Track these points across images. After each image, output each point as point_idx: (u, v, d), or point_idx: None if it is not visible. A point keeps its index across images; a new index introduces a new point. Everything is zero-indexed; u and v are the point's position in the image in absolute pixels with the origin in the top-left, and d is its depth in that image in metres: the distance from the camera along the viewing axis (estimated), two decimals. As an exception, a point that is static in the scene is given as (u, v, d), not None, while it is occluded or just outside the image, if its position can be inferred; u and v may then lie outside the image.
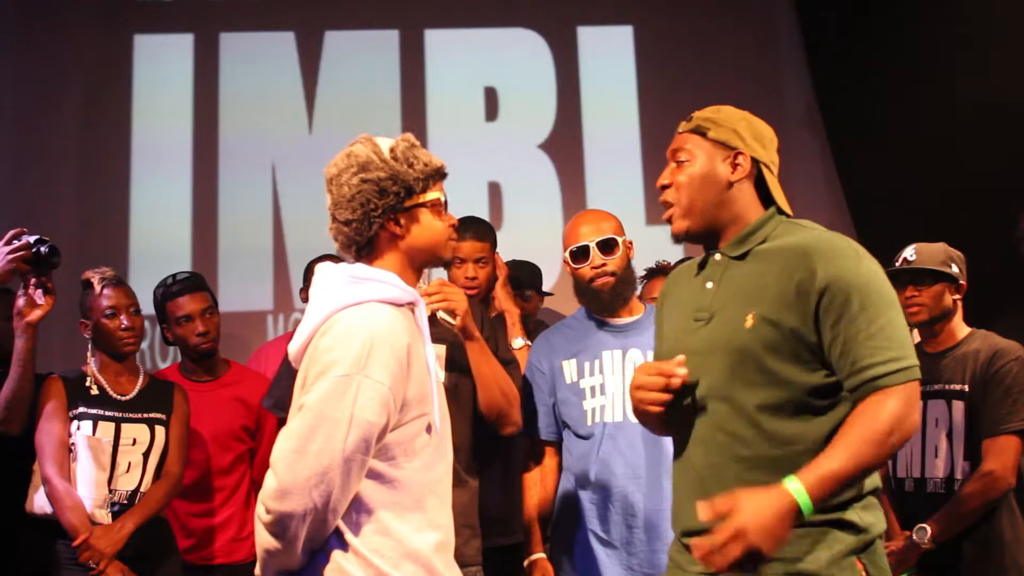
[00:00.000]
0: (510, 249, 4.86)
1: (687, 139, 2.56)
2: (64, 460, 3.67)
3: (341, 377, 2.16)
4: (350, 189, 2.35)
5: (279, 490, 2.12)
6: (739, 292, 2.42)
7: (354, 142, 2.43)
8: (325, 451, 2.12)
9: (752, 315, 2.35)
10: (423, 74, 6.56)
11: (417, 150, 2.42)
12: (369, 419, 2.16)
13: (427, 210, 2.40)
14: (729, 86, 6.51)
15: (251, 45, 6.54)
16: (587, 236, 3.47)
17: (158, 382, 4.00)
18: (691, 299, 2.54)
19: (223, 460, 4.21)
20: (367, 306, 2.26)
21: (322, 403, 2.15)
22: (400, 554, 2.22)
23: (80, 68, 6.38)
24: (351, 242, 2.39)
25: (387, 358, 2.19)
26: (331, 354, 2.19)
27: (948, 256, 3.67)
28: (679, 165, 2.54)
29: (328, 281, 2.35)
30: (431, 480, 2.31)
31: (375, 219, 2.35)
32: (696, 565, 2.32)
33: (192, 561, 4.06)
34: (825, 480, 2.17)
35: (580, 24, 6.69)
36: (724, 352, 2.38)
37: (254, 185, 6.32)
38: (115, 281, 3.84)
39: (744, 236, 2.48)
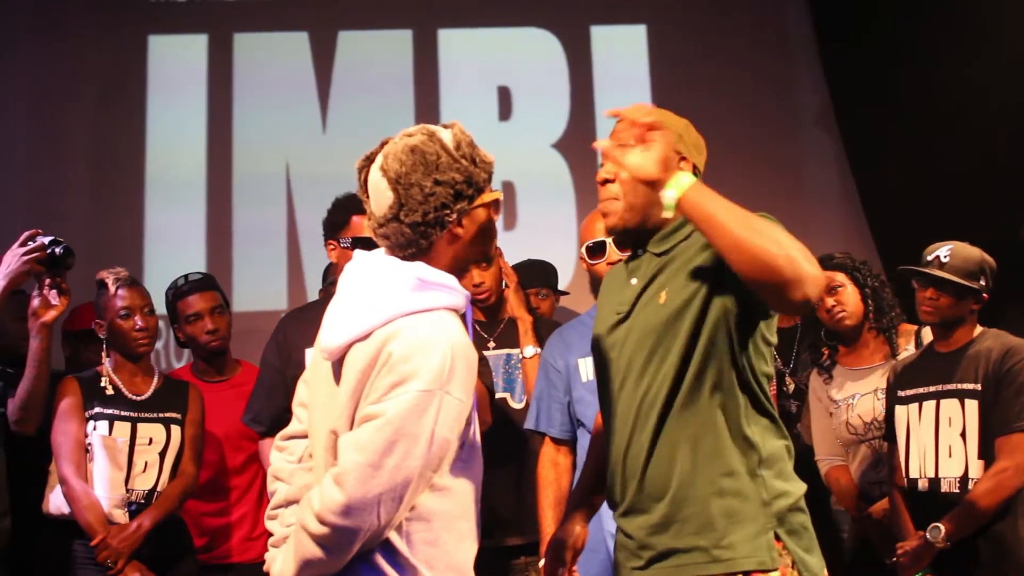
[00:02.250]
0: (524, 248, 4.87)
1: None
2: (81, 460, 3.68)
3: (423, 392, 2.06)
4: (422, 191, 2.17)
5: (346, 505, 2.02)
6: (655, 281, 2.47)
7: (412, 133, 2.25)
8: (402, 468, 2.04)
9: (664, 292, 2.42)
10: (436, 74, 6.56)
11: (477, 146, 2.28)
12: (448, 437, 2.09)
13: (487, 209, 2.28)
14: (742, 85, 6.52)
15: (265, 45, 6.55)
16: (604, 232, 3.45)
17: (173, 382, 4.01)
18: (615, 295, 2.59)
19: (235, 460, 4.22)
20: (439, 315, 2.16)
21: (403, 418, 2.05)
22: (446, 565, 2.15)
23: (95, 69, 6.40)
24: (411, 244, 2.21)
25: (464, 373, 2.11)
26: (409, 365, 2.07)
27: (980, 267, 3.62)
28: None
29: (386, 277, 2.21)
30: (473, 486, 2.24)
31: (448, 222, 2.20)
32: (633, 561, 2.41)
33: (205, 560, 4.07)
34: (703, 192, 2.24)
35: (593, 23, 6.68)
36: (644, 335, 2.42)
37: (268, 184, 6.33)
38: (129, 282, 3.85)
39: (667, 234, 2.52)
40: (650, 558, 2.38)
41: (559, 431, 3.54)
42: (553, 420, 3.55)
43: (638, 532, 2.40)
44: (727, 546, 2.31)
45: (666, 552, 2.35)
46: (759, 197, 6.41)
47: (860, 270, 4.13)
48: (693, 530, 2.33)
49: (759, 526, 2.33)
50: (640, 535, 2.39)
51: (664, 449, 2.37)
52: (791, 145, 6.63)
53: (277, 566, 2.20)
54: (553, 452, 3.56)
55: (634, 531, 2.41)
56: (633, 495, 2.42)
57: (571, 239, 6.05)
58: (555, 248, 5.36)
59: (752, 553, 2.31)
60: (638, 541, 2.40)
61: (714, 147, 4.37)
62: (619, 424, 2.47)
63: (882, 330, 4.14)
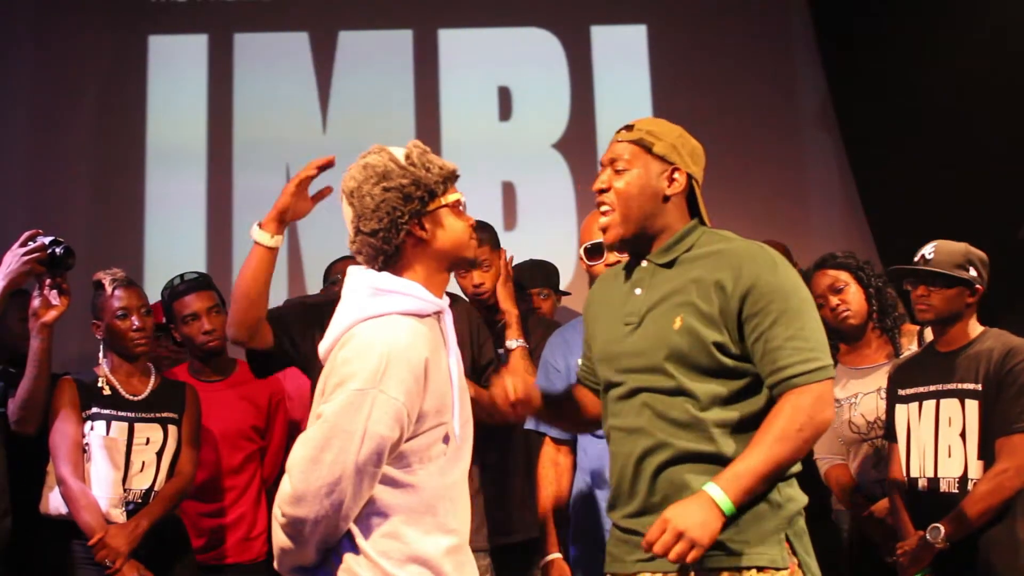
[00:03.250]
0: (524, 249, 4.86)
1: (627, 148, 2.65)
2: (78, 460, 3.69)
3: (357, 391, 2.19)
4: (373, 199, 2.34)
5: (293, 495, 2.18)
6: (667, 297, 2.55)
7: (366, 154, 2.44)
8: (338, 462, 2.16)
9: (680, 318, 2.50)
10: (437, 74, 6.56)
11: (430, 155, 2.43)
12: (382, 433, 2.19)
13: (449, 212, 2.42)
14: (743, 85, 6.51)
15: (265, 46, 6.55)
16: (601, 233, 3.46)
17: (170, 382, 4.01)
18: (620, 304, 2.67)
19: (233, 460, 4.22)
20: (387, 319, 2.29)
21: (338, 415, 2.19)
22: (406, 556, 2.25)
23: (95, 69, 6.40)
24: (378, 253, 2.38)
25: (403, 374, 2.22)
26: (349, 367, 2.23)
27: (967, 258, 3.63)
28: (618, 173, 2.63)
29: (354, 288, 2.37)
30: (445, 485, 2.33)
31: (402, 225, 2.35)
32: (635, 554, 2.53)
33: (203, 561, 4.06)
34: (741, 479, 2.37)
35: (594, 23, 6.67)
36: (655, 352, 2.52)
37: (268, 186, 6.30)
38: (126, 282, 3.86)
39: (670, 245, 2.61)
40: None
41: (558, 431, 3.54)
42: None
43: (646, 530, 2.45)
44: (743, 542, 2.42)
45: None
46: (759, 197, 6.48)
47: (864, 269, 4.14)
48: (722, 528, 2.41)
49: (773, 526, 2.45)
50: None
51: (681, 457, 2.48)
52: (791, 145, 6.62)
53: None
54: (553, 452, 3.56)
55: (643, 528, 2.47)
56: (644, 498, 2.53)
57: (571, 239, 6.04)
58: (555, 248, 5.36)
59: (766, 551, 2.44)
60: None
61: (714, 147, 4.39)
62: (630, 430, 2.57)
63: (885, 330, 4.14)
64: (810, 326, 2.47)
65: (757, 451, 2.38)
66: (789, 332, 2.44)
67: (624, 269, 2.72)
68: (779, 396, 2.45)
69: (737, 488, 2.35)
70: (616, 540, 2.63)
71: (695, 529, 2.30)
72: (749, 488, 2.37)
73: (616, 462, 2.62)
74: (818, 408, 2.43)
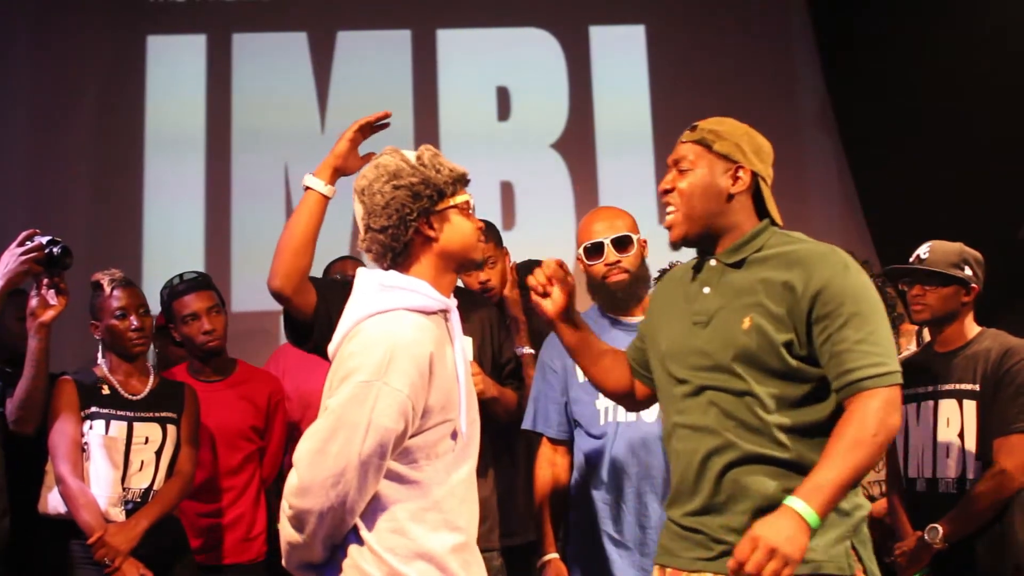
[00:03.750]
0: (523, 249, 4.86)
1: (691, 149, 2.67)
2: (77, 459, 3.69)
3: (362, 383, 2.23)
4: (383, 196, 2.40)
5: (300, 487, 2.22)
6: (736, 297, 2.56)
7: (379, 155, 2.50)
8: (343, 454, 2.20)
9: (749, 318, 2.51)
10: (435, 74, 6.56)
11: (441, 158, 2.48)
12: (386, 425, 2.22)
13: (458, 212, 2.47)
14: (742, 85, 6.51)
15: (264, 45, 6.56)
16: (601, 233, 3.46)
17: (168, 382, 4.01)
18: (687, 302, 2.68)
19: (232, 460, 4.22)
20: (393, 314, 2.33)
21: (343, 407, 2.23)
22: (412, 552, 2.28)
23: (93, 69, 6.41)
24: (386, 250, 2.43)
25: (407, 367, 2.25)
26: (354, 360, 2.27)
27: (962, 257, 3.64)
28: (681, 173, 2.66)
29: (362, 287, 2.42)
30: (452, 483, 2.36)
31: (411, 223, 2.40)
32: (694, 552, 2.54)
33: (202, 561, 4.06)
34: (823, 490, 2.33)
35: (592, 23, 6.68)
36: (724, 352, 2.53)
37: (267, 185, 6.33)
38: (124, 282, 3.86)
39: (740, 245, 2.62)
40: (723, 551, 2.48)
41: (556, 431, 3.54)
42: (550, 420, 3.54)
43: (716, 530, 2.51)
44: (811, 549, 2.38)
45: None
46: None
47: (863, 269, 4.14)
48: None
49: (839, 533, 2.46)
50: (718, 532, 2.51)
51: (747, 459, 2.49)
52: (790, 145, 6.61)
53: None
54: (550, 452, 3.56)
55: (711, 528, 2.52)
56: (708, 497, 2.54)
57: (569, 239, 5.98)
58: (553, 248, 5.30)
59: (833, 558, 2.44)
60: (712, 535, 2.52)
61: (712, 147, 4.28)
62: (696, 428, 2.57)
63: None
64: (880, 330, 2.46)
65: (835, 460, 2.36)
66: (859, 335, 2.42)
67: (692, 268, 2.74)
68: (846, 399, 2.43)
69: (821, 500, 2.33)
70: (673, 535, 2.64)
71: (786, 545, 2.27)
72: (832, 499, 2.35)
73: (679, 459, 2.62)
74: (889, 412, 2.40)
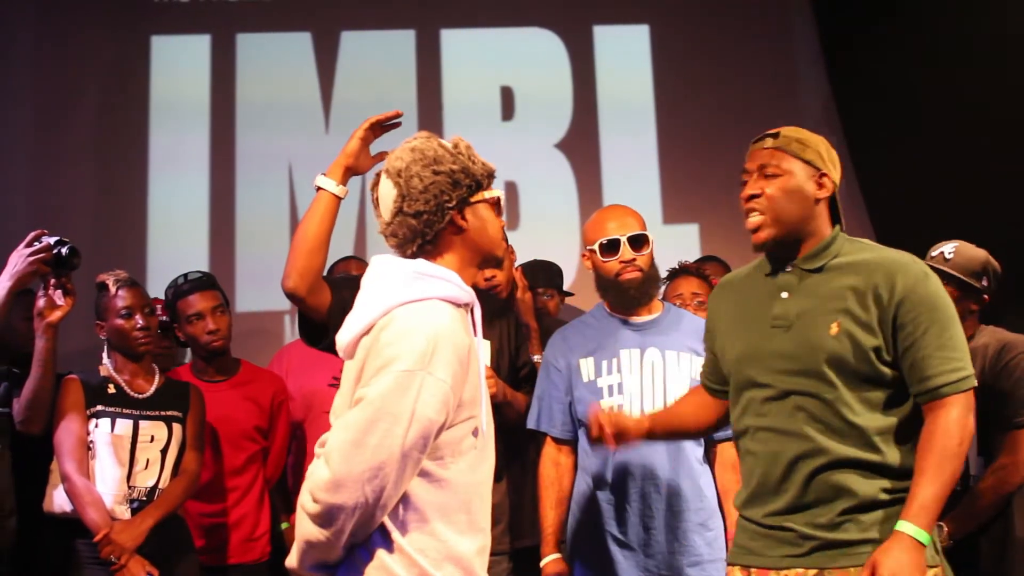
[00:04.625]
0: (527, 249, 4.87)
1: (775, 155, 2.73)
2: (83, 457, 3.70)
3: (405, 372, 2.15)
4: (422, 181, 2.34)
5: (332, 481, 2.11)
6: (820, 302, 2.65)
7: (413, 138, 2.43)
8: (383, 446, 2.11)
9: (837, 323, 2.59)
10: (439, 74, 6.56)
11: (474, 150, 2.45)
12: (430, 416, 2.16)
13: (490, 207, 2.43)
14: (746, 84, 6.51)
15: (268, 46, 6.55)
16: (616, 230, 3.45)
17: (174, 382, 4.03)
18: (762, 306, 2.74)
19: (236, 460, 4.23)
20: (430, 303, 2.26)
21: (384, 398, 2.14)
22: (443, 555, 2.22)
23: (97, 70, 6.40)
24: (416, 235, 2.36)
25: (450, 357, 2.19)
26: (393, 348, 2.18)
27: (984, 267, 3.64)
28: (768, 179, 2.71)
29: (388, 274, 2.33)
30: (476, 482, 2.30)
31: (448, 210, 2.35)
32: (780, 549, 2.62)
33: (205, 561, 4.06)
34: (928, 510, 2.46)
35: (596, 23, 6.67)
36: (811, 356, 2.60)
37: (271, 185, 6.33)
38: (129, 282, 3.88)
39: (819, 251, 2.71)
40: (813, 547, 2.58)
41: (560, 431, 3.54)
42: (554, 420, 3.54)
43: (805, 527, 2.59)
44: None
45: (836, 543, 2.57)
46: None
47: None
48: (866, 527, 2.55)
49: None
50: (808, 529, 2.58)
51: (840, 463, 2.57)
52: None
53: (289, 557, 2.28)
54: (555, 452, 3.56)
55: (800, 525, 2.60)
56: (795, 497, 2.61)
57: (574, 239, 6.04)
58: (558, 248, 5.36)
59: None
60: (801, 532, 2.59)
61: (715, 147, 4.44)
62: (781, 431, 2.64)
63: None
64: (956, 336, 2.58)
65: (931, 476, 2.48)
66: (939, 342, 2.55)
67: (757, 274, 2.82)
68: (925, 403, 2.56)
69: (927, 520, 2.45)
70: (753, 534, 2.70)
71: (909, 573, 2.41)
72: (935, 515, 2.48)
73: (760, 460, 2.68)
74: (967, 418, 2.54)
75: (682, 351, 3.44)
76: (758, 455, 2.69)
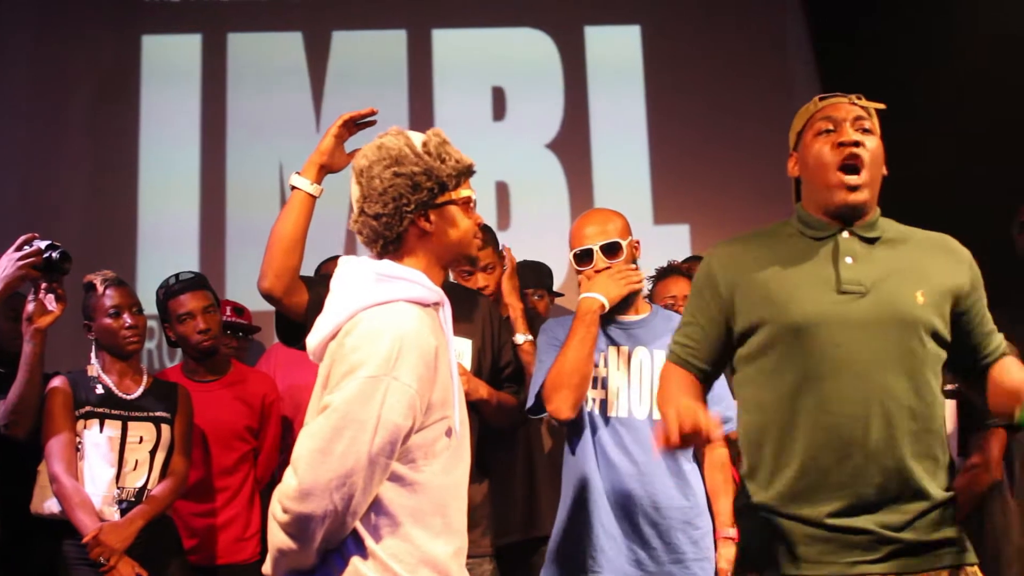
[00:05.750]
0: (518, 249, 4.85)
1: (867, 113, 2.61)
2: (72, 458, 3.69)
3: (369, 378, 2.12)
4: (382, 182, 2.29)
5: (300, 490, 2.09)
6: (896, 271, 2.48)
7: (384, 134, 2.39)
8: (350, 453, 2.09)
9: (922, 292, 2.45)
10: (430, 74, 6.56)
11: (449, 146, 2.38)
12: (396, 422, 2.13)
13: (458, 208, 2.37)
14: (737, 85, 6.52)
15: (259, 45, 6.55)
16: (591, 238, 3.42)
17: (162, 383, 4.02)
18: (821, 271, 2.50)
19: (226, 460, 4.22)
20: (395, 306, 2.22)
21: (349, 404, 2.11)
22: (417, 559, 2.19)
23: (89, 70, 6.40)
24: (378, 236, 2.33)
25: (415, 360, 2.16)
26: (358, 354, 2.15)
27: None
28: (865, 132, 2.56)
29: (352, 277, 2.30)
30: (450, 484, 2.28)
31: (407, 214, 2.30)
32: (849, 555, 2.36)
33: (195, 561, 4.06)
34: None
35: (587, 24, 6.68)
36: (899, 325, 2.42)
37: (262, 186, 6.33)
38: (116, 282, 3.87)
39: (874, 222, 2.56)
40: (891, 551, 2.36)
41: None
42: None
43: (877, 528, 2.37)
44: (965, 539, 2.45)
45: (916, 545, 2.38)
46: (753, 197, 6.47)
47: None
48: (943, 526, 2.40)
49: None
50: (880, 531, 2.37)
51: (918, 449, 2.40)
52: (785, 143, 6.62)
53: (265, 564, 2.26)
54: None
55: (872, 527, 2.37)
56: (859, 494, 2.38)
57: (565, 240, 6.00)
58: (549, 249, 5.35)
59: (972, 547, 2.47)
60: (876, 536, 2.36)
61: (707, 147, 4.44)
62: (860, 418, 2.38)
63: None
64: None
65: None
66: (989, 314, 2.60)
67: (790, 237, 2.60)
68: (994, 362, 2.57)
69: None
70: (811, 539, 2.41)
71: None
72: None
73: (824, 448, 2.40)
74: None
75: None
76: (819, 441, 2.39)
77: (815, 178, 2.58)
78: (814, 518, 2.40)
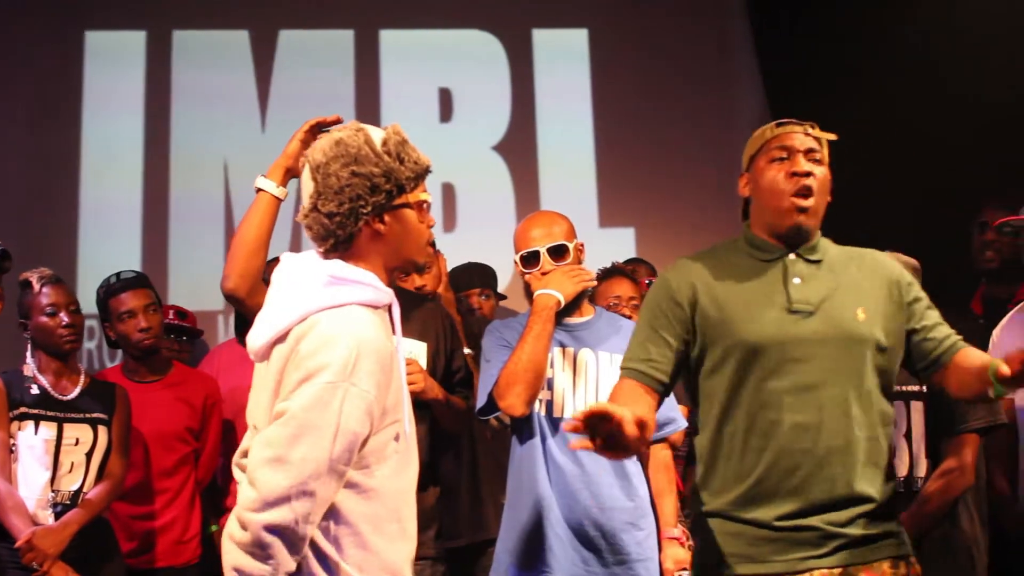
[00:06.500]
0: (463, 250, 4.87)
1: (819, 144, 2.75)
2: (5, 461, 3.63)
3: (327, 385, 2.08)
4: (339, 180, 2.22)
5: (257, 500, 2.04)
6: (837, 290, 2.63)
7: (342, 128, 2.32)
8: (309, 460, 2.04)
9: (862, 309, 2.59)
10: (378, 74, 6.55)
11: (408, 146, 2.31)
12: (354, 428, 2.09)
13: (412, 211, 2.30)
14: (683, 89, 6.57)
15: (204, 43, 6.51)
16: (537, 241, 3.42)
17: (99, 383, 3.96)
18: (771, 291, 2.64)
19: (166, 462, 4.17)
20: (348, 309, 2.17)
21: (307, 411, 2.07)
22: (379, 567, 2.17)
23: (30, 65, 6.32)
24: (329, 235, 2.24)
25: (372, 366, 2.12)
26: (314, 360, 2.10)
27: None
28: (815, 162, 2.71)
29: (301, 276, 2.24)
30: (402, 488, 2.25)
31: (362, 215, 2.23)
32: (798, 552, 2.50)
33: (134, 565, 4.01)
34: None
35: (535, 26, 6.70)
36: (842, 342, 2.57)
37: (206, 184, 6.28)
38: (54, 280, 3.80)
39: (815, 245, 2.70)
40: (837, 546, 2.50)
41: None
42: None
43: (824, 525, 2.51)
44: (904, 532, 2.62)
45: (860, 539, 2.52)
46: (697, 201, 6.51)
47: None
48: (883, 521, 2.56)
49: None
50: (827, 527, 2.50)
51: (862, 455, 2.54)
52: (729, 148, 6.66)
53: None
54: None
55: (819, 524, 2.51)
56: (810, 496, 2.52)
57: (510, 242, 6.02)
58: (494, 251, 5.34)
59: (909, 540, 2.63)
60: (822, 532, 2.50)
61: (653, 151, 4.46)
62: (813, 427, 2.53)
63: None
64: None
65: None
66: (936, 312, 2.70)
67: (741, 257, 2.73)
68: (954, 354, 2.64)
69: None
70: (762, 540, 2.53)
71: None
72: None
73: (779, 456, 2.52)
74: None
75: (615, 352, 3.42)
76: (773, 451, 2.52)
77: (768, 202, 2.71)
78: (764, 521, 2.54)
